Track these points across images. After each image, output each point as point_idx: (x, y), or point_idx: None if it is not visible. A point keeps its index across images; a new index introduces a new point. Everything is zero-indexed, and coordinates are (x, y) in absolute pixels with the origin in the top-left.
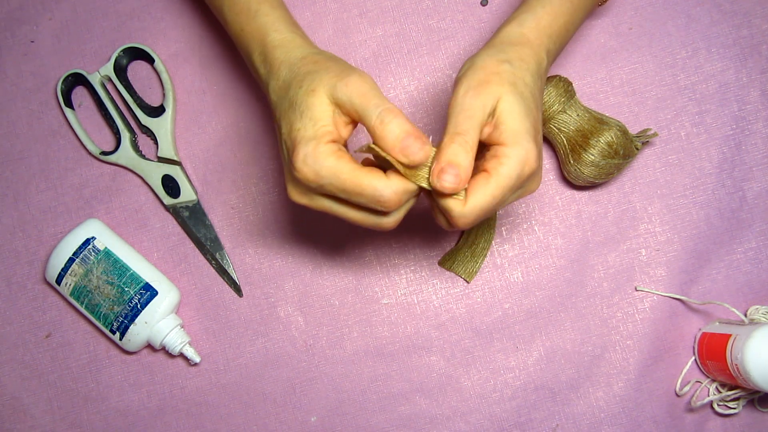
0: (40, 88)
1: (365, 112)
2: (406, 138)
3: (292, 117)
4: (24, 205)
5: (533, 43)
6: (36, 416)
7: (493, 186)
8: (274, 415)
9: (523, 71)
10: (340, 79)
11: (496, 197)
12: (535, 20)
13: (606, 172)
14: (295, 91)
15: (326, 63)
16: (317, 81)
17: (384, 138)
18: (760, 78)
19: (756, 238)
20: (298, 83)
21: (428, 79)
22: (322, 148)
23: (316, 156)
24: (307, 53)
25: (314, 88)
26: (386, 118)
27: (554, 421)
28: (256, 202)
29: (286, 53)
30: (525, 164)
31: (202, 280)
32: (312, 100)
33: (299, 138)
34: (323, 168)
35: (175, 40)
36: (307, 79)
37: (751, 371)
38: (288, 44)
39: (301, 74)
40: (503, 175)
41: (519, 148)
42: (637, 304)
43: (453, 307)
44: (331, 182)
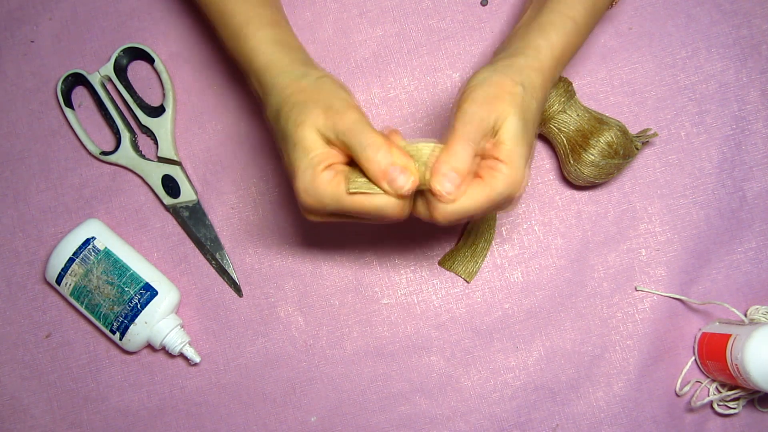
0: (40, 88)
1: (353, 148)
2: (392, 170)
3: (287, 147)
4: (24, 205)
5: (546, 72)
6: (36, 416)
7: (483, 194)
8: (274, 415)
9: (532, 99)
10: (327, 117)
11: (481, 206)
12: (551, 49)
13: (606, 172)
14: (285, 124)
15: (312, 94)
16: (304, 115)
17: (371, 172)
18: (760, 78)
19: (756, 238)
20: (286, 115)
21: (428, 79)
22: (320, 177)
23: (316, 186)
24: (291, 79)
25: (302, 121)
26: (371, 154)
27: (554, 421)
28: (256, 202)
29: (272, 78)
30: (516, 186)
31: (202, 280)
32: (301, 133)
33: (296, 169)
34: (324, 197)
35: (175, 40)
36: (294, 110)
37: (751, 371)
38: (273, 68)
39: (288, 105)
40: (494, 188)
41: (515, 170)
42: (637, 304)
43: (453, 307)
44: (335, 208)
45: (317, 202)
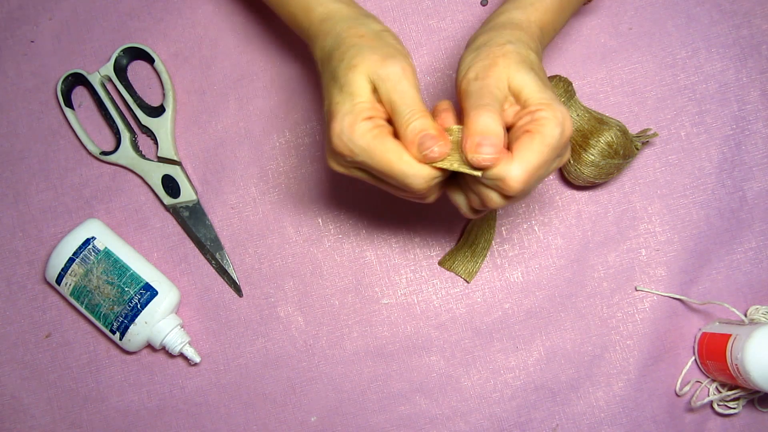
0: (40, 88)
1: (395, 108)
2: (424, 135)
3: (332, 89)
4: (24, 205)
5: (526, 30)
6: (36, 416)
7: (538, 144)
8: (274, 415)
9: (526, 50)
10: (382, 65)
11: (544, 156)
12: (525, 14)
13: (606, 172)
14: (337, 64)
15: (371, 40)
16: (359, 58)
17: (404, 136)
18: (760, 78)
19: (756, 238)
20: (340, 56)
21: (428, 79)
22: (359, 125)
23: (352, 132)
24: (352, 23)
25: (355, 64)
26: (410, 118)
27: (554, 421)
28: (256, 202)
29: (330, 24)
30: (564, 123)
31: (202, 280)
32: (352, 75)
33: (336, 111)
34: (357, 146)
35: (175, 40)
36: (350, 53)
37: (751, 371)
38: (333, 15)
39: (344, 46)
40: (546, 134)
41: (554, 110)
42: (637, 304)
43: (453, 307)
44: (363, 159)
45: (348, 150)
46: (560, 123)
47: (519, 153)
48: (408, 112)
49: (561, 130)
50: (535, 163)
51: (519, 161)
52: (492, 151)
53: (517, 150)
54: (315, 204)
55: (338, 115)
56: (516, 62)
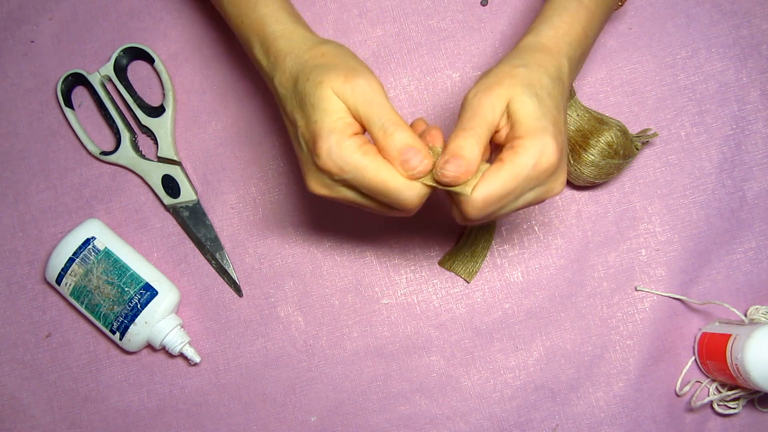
0: (40, 88)
1: (369, 121)
2: (407, 151)
3: (306, 110)
4: (24, 205)
5: (552, 50)
6: (36, 416)
7: (505, 173)
8: (274, 415)
9: (539, 74)
10: (347, 80)
11: (508, 186)
12: (552, 29)
13: (606, 172)
14: (303, 84)
15: (333, 58)
16: (324, 75)
17: (386, 150)
18: (760, 78)
19: (756, 238)
20: (305, 76)
21: (428, 79)
22: (347, 143)
23: (341, 151)
24: (312, 44)
25: (321, 81)
26: (389, 130)
27: (554, 421)
28: (256, 202)
29: (289, 44)
30: (541, 155)
31: (202, 280)
32: (321, 92)
33: (319, 130)
34: (348, 164)
35: (175, 40)
36: (315, 71)
37: (751, 371)
38: (290, 35)
39: (308, 67)
40: (517, 164)
41: (535, 140)
42: (637, 304)
43: (453, 307)
44: (354, 177)
45: (337, 168)
46: (537, 154)
47: (482, 180)
48: (381, 124)
49: (536, 161)
50: (497, 192)
51: (484, 183)
52: (454, 170)
53: (488, 172)
54: (315, 204)
55: (323, 133)
56: (521, 85)
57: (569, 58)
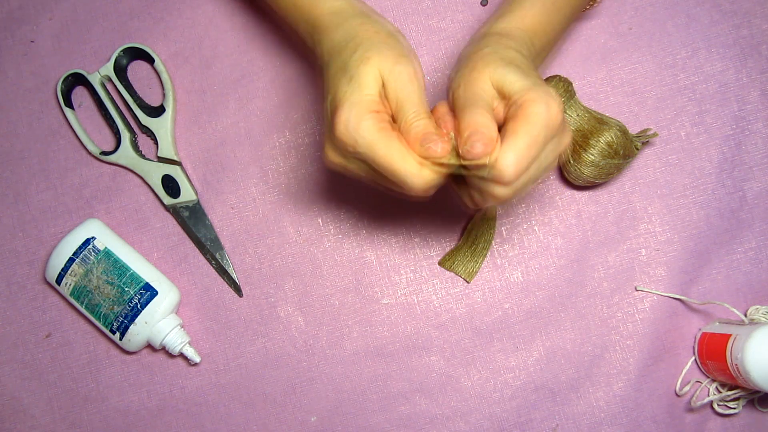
0: (40, 88)
1: (401, 109)
2: (428, 134)
3: (341, 79)
4: (24, 205)
5: (509, 35)
6: (36, 416)
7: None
8: (274, 415)
9: (505, 48)
10: (396, 63)
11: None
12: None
13: (606, 172)
14: (349, 55)
15: (385, 38)
16: (373, 51)
17: (408, 133)
18: (760, 78)
19: (756, 238)
20: (353, 48)
21: (428, 79)
22: (366, 117)
23: (358, 124)
24: (365, 20)
25: (369, 57)
26: (417, 118)
27: (554, 421)
28: (256, 202)
29: (341, 17)
30: (548, 103)
31: (202, 280)
32: (364, 68)
33: (344, 101)
34: (361, 137)
35: (175, 40)
36: (363, 45)
37: (751, 371)
38: (345, 11)
39: (357, 39)
40: (530, 115)
41: (536, 92)
42: (637, 304)
43: (453, 307)
44: (366, 153)
45: (351, 140)
46: (544, 102)
47: (507, 139)
48: (413, 112)
49: (546, 107)
50: (525, 145)
51: (508, 146)
52: (482, 140)
53: (505, 136)
54: (315, 204)
55: (345, 104)
56: (494, 60)
57: (532, 44)
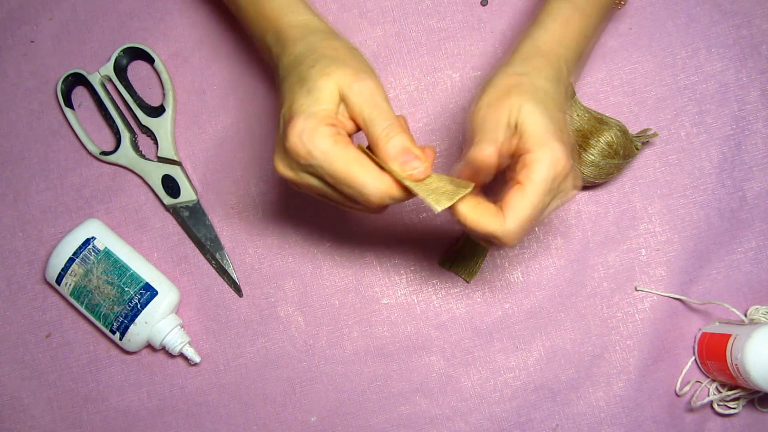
0: (40, 88)
1: (372, 123)
2: (406, 154)
3: (298, 91)
4: (24, 205)
5: (548, 53)
6: (36, 416)
7: (529, 194)
8: (274, 415)
9: (540, 80)
10: (357, 79)
11: (535, 204)
12: (547, 33)
13: (606, 172)
14: (307, 69)
15: (345, 54)
16: (333, 67)
17: (385, 151)
18: (760, 78)
19: (756, 238)
20: (312, 62)
21: (428, 79)
22: (321, 129)
23: (313, 134)
24: (326, 36)
25: (328, 73)
26: (391, 133)
27: (554, 421)
28: (256, 202)
29: (303, 32)
30: (556, 164)
31: (202, 280)
32: (323, 81)
33: (300, 111)
34: (317, 149)
35: (175, 40)
36: (323, 61)
37: (751, 371)
38: (306, 25)
39: (317, 54)
40: (537, 181)
41: (546, 150)
42: (637, 304)
43: (453, 307)
44: (321, 165)
45: (305, 151)
46: (552, 162)
47: (509, 207)
48: (386, 126)
49: (552, 171)
50: (526, 214)
51: (510, 216)
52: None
53: (508, 205)
54: (315, 204)
55: (301, 115)
56: (528, 93)
57: (566, 60)
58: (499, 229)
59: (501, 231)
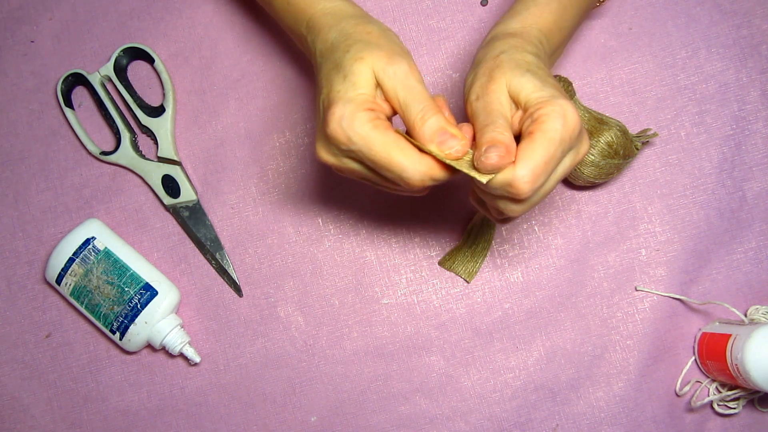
0: (40, 88)
1: (407, 106)
2: (443, 134)
3: (334, 77)
4: (24, 205)
5: (522, 34)
6: (36, 416)
7: (540, 141)
8: (274, 415)
9: (520, 53)
10: (390, 62)
11: (547, 151)
12: (520, 21)
13: (606, 172)
14: (342, 54)
15: (379, 38)
16: (367, 51)
17: (422, 134)
18: (760, 78)
19: (756, 238)
20: (346, 47)
21: (428, 79)
22: (360, 114)
23: (352, 120)
24: (359, 20)
25: (363, 57)
26: (427, 114)
27: (554, 421)
28: (256, 202)
29: (336, 19)
30: (565, 116)
31: (202, 280)
32: (358, 66)
33: (338, 98)
34: (356, 134)
35: (175, 40)
36: (357, 46)
37: (751, 371)
38: (339, 12)
39: (350, 39)
40: (547, 130)
41: (553, 104)
42: (637, 304)
43: (453, 307)
44: (361, 149)
45: (345, 137)
46: (561, 115)
47: (522, 154)
48: (421, 108)
49: (563, 121)
50: (541, 160)
51: (523, 162)
52: (499, 152)
53: (520, 152)
54: (315, 204)
55: (340, 101)
56: (510, 69)
57: (541, 42)
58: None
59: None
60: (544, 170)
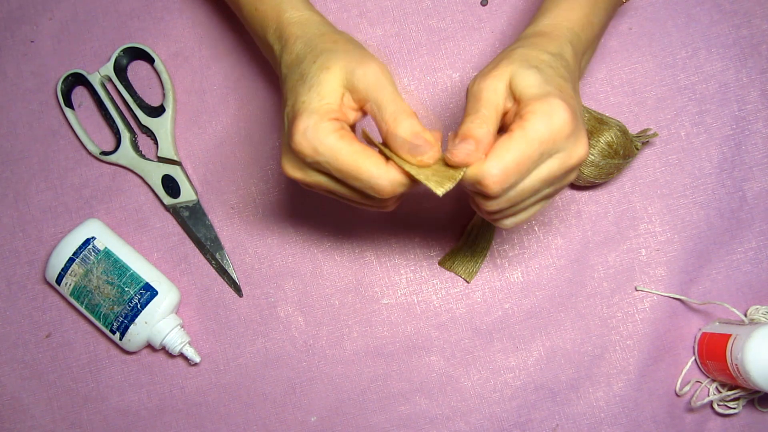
0: (40, 88)
1: (380, 107)
2: (416, 138)
3: (299, 89)
4: (24, 205)
5: (551, 34)
6: (36, 416)
7: (517, 139)
8: (274, 415)
9: (537, 50)
10: (360, 65)
11: (523, 152)
12: (550, 18)
13: (606, 172)
14: (308, 65)
15: (345, 45)
16: (333, 60)
17: (394, 136)
18: (760, 78)
19: (756, 238)
20: (312, 58)
21: (428, 79)
22: (324, 125)
23: (317, 131)
24: (325, 30)
25: (329, 66)
26: (400, 117)
27: (554, 421)
28: (256, 202)
29: (302, 29)
30: (551, 116)
31: (202, 280)
32: (324, 76)
33: (303, 109)
34: (322, 145)
35: (175, 40)
36: (323, 55)
37: (751, 371)
38: (306, 21)
39: (317, 50)
40: (527, 128)
41: (541, 103)
42: (637, 304)
43: (453, 307)
44: (327, 161)
45: (311, 149)
46: (546, 114)
47: (495, 151)
48: (394, 110)
49: (547, 121)
50: (512, 159)
51: (494, 159)
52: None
53: (494, 148)
54: (315, 204)
55: (304, 113)
56: (518, 61)
57: (571, 41)
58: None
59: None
60: (516, 170)
